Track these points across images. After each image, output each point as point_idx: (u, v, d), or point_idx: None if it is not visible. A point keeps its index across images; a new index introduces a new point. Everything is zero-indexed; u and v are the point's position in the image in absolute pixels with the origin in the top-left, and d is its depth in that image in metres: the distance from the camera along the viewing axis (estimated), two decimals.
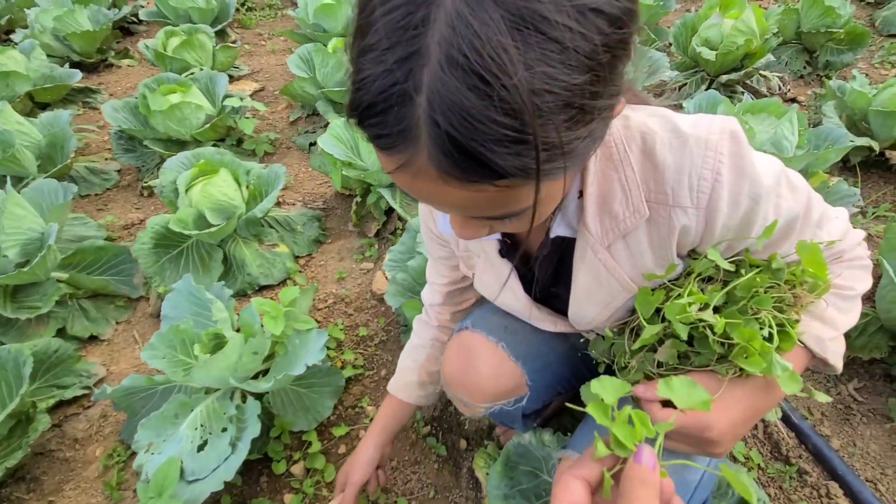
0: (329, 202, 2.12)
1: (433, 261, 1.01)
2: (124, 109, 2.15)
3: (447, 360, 0.91)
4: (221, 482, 1.02)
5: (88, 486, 1.26)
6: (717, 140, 0.56)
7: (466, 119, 0.36)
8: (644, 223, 0.62)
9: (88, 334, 1.59)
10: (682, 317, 0.61)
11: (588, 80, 0.38)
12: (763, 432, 1.24)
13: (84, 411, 1.41)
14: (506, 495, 1.01)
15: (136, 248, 1.56)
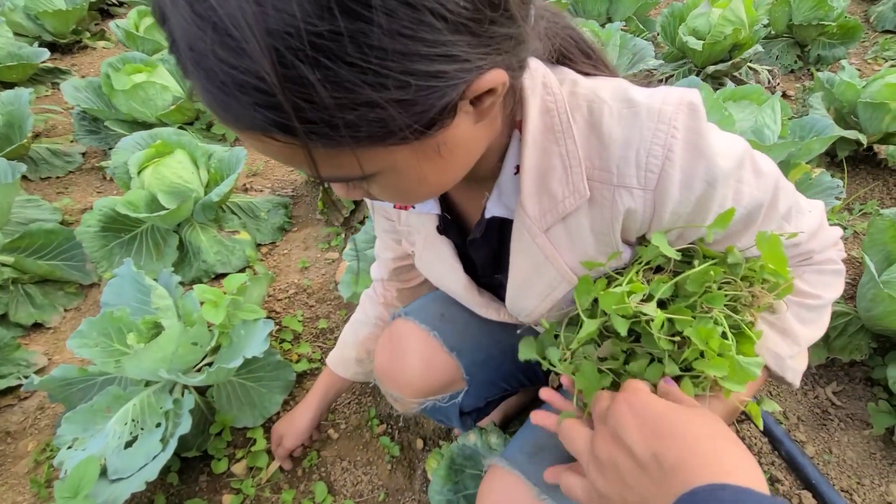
0: (298, 189, 2.03)
1: (380, 234, 0.94)
2: (87, 89, 2.07)
3: (378, 351, 0.84)
4: (143, 482, 0.94)
5: (17, 483, 1.18)
6: (673, 112, 0.48)
7: (203, 59, 0.32)
8: (586, 205, 0.54)
9: (33, 321, 1.51)
10: (619, 308, 0.53)
11: (361, 56, 0.32)
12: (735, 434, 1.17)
13: (20, 403, 1.33)
14: (449, 501, 0.93)
15: (81, 230, 1.48)
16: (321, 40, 0.30)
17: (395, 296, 1.01)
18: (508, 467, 0.64)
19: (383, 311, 1.02)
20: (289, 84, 0.32)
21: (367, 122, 0.35)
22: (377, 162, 0.40)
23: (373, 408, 1.30)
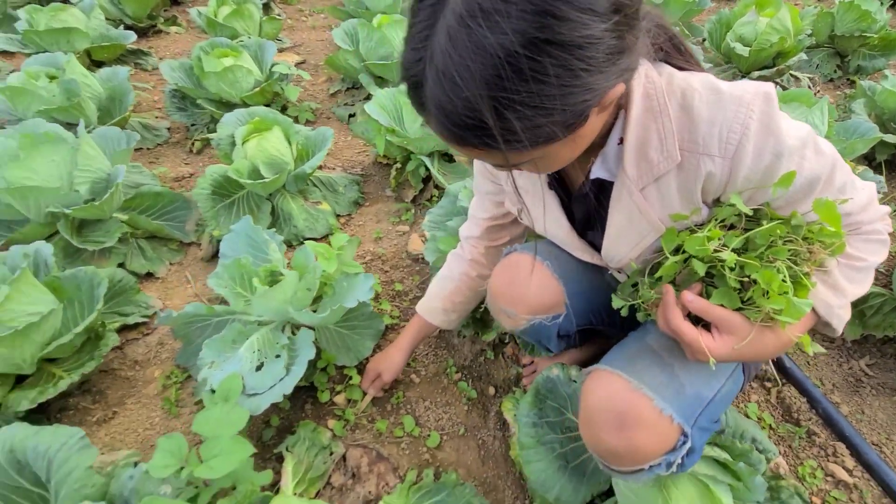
0: (367, 169, 2.22)
1: (480, 196, 1.11)
2: (180, 70, 2.27)
3: (495, 277, 1.01)
4: (280, 395, 1.12)
5: (148, 402, 1.38)
6: (751, 99, 0.63)
7: (448, 117, 0.53)
8: (675, 169, 0.69)
9: (145, 271, 1.71)
10: (699, 250, 0.68)
11: (545, 92, 0.50)
12: (776, 397, 1.33)
13: (143, 338, 1.53)
14: (534, 423, 1.11)
15: (196, 192, 1.68)
16: (520, 95, 0.50)
17: (482, 252, 1.18)
18: (609, 368, 0.80)
19: (468, 268, 1.20)
20: (500, 123, 0.52)
21: (541, 137, 0.55)
22: (539, 153, 0.59)
23: (450, 358, 1.48)
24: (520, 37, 0.47)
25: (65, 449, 0.92)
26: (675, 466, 0.76)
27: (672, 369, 0.77)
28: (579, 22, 0.47)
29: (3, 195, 1.48)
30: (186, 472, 0.88)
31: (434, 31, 0.50)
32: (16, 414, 1.22)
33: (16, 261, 1.28)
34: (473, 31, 0.47)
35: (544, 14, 0.46)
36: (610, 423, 0.74)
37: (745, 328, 0.69)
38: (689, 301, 0.70)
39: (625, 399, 0.74)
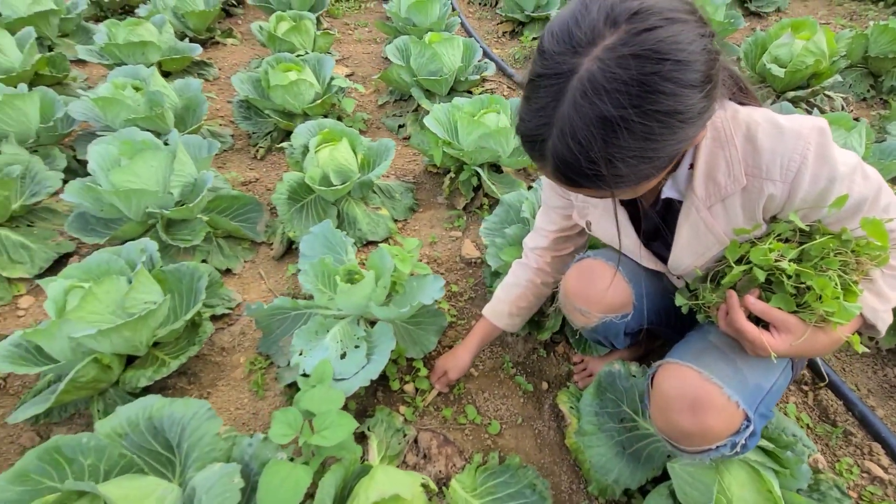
0: (418, 177, 2.37)
1: (548, 210, 1.24)
2: (248, 82, 2.46)
3: (569, 279, 1.15)
4: (368, 379, 1.27)
5: (236, 384, 1.54)
6: (808, 133, 0.75)
7: (568, 167, 0.67)
8: (740, 191, 0.82)
9: (224, 268, 1.88)
10: (762, 260, 0.80)
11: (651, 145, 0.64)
12: (813, 399, 1.43)
13: (227, 327, 1.70)
14: (596, 412, 1.24)
15: (275, 196, 1.84)
16: (631, 151, 0.63)
17: (547, 262, 1.31)
18: (679, 361, 0.92)
19: (534, 276, 1.33)
20: (611, 171, 0.65)
21: (643, 177, 0.69)
22: (638, 188, 0.73)
23: (505, 355, 1.61)
24: (636, 110, 0.60)
25: (196, 418, 1.08)
26: (738, 447, 0.88)
27: (735, 363, 0.89)
28: (682, 95, 0.61)
29: (111, 196, 1.67)
30: (302, 441, 1.02)
31: (560, 102, 0.63)
32: (130, 391, 1.39)
33: (132, 255, 1.46)
34: (597, 104, 0.60)
35: (655, 92, 0.60)
36: (684, 407, 0.87)
37: (800, 328, 0.81)
38: (751, 304, 0.82)
39: (698, 387, 0.86)
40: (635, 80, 0.59)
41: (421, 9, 3.00)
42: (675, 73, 0.60)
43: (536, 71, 0.66)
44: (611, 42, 0.60)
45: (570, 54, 0.63)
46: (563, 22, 0.65)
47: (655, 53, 0.59)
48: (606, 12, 0.62)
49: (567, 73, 0.62)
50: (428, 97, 2.59)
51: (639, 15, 0.60)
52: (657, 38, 0.59)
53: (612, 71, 0.59)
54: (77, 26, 3.34)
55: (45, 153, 2.17)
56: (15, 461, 1.32)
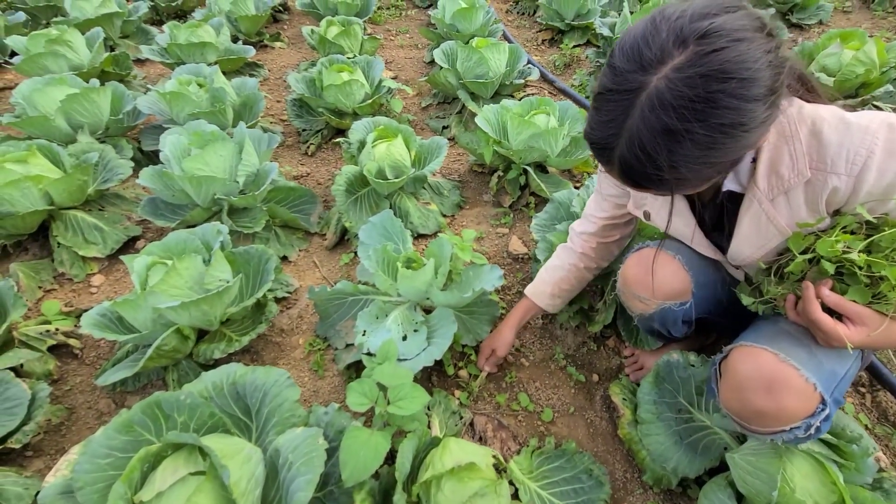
0: (463, 176, 2.43)
1: (601, 198, 1.28)
2: (302, 82, 2.56)
3: (629, 267, 1.18)
4: (432, 360, 1.32)
5: (296, 364, 1.61)
6: (876, 128, 0.77)
7: (634, 171, 0.73)
8: (803, 184, 0.83)
9: (281, 255, 1.96)
10: (829, 251, 0.81)
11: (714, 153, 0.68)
12: (871, 401, 1.43)
13: (286, 310, 1.77)
14: (655, 401, 1.26)
15: (335, 188, 1.92)
16: (695, 160, 0.69)
17: (593, 247, 1.35)
18: (754, 344, 0.94)
19: (577, 260, 1.37)
20: (675, 176, 0.70)
21: (705, 179, 0.75)
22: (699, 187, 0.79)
23: (556, 346, 1.65)
24: (700, 123, 0.65)
25: (277, 385, 1.14)
26: (812, 430, 0.90)
27: (809, 348, 0.91)
28: (745, 109, 0.65)
29: (183, 182, 1.76)
30: (379, 410, 1.08)
31: (628, 115, 0.69)
32: (203, 363, 1.47)
33: (207, 236, 1.54)
34: (663, 118, 0.66)
35: (720, 108, 0.64)
36: (760, 388, 0.89)
37: (875, 320, 0.83)
38: (826, 296, 0.83)
39: (775, 368, 0.89)
40: (700, 97, 0.64)
41: (466, 16, 3.08)
42: (739, 90, 0.64)
43: (606, 85, 0.72)
44: (679, 62, 0.65)
45: (639, 72, 0.68)
46: (634, 40, 0.69)
47: (721, 73, 0.63)
48: (676, 34, 0.66)
49: (636, 90, 0.68)
50: (473, 99, 2.66)
51: (707, 37, 0.64)
52: (724, 58, 0.63)
53: (678, 89, 0.64)
54: (137, 28, 3.52)
55: (113, 143, 2.30)
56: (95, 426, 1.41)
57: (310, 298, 1.61)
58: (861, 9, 4.22)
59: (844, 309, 0.83)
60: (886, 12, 4.08)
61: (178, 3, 3.82)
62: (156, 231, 2.06)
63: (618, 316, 1.60)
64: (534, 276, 1.86)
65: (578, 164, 2.26)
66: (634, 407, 1.37)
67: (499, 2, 4.64)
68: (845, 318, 0.85)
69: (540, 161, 2.15)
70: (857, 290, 0.84)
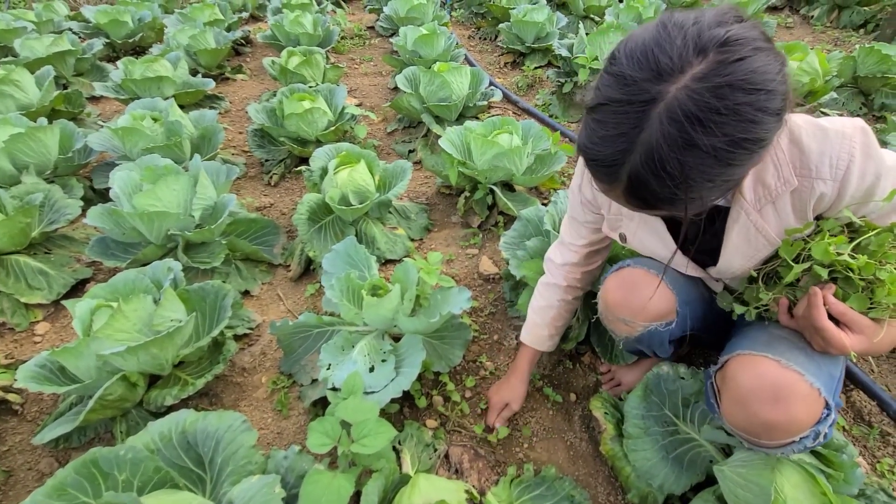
0: (431, 199, 2.41)
1: (577, 225, 1.24)
2: (262, 112, 2.52)
3: (609, 290, 1.14)
4: (399, 391, 1.25)
5: (259, 404, 1.51)
6: (852, 132, 0.77)
7: (647, 190, 0.67)
8: (789, 192, 0.82)
9: (243, 290, 1.88)
10: (823, 256, 0.80)
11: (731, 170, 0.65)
12: (846, 402, 1.41)
13: (248, 348, 1.68)
14: (642, 416, 1.22)
15: (296, 217, 1.86)
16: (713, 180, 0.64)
17: (578, 277, 1.30)
18: (751, 352, 0.90)
19: (564, 294, 1.32)
20: (690, 195, 0.66)
21: (713, 199, 0.70)
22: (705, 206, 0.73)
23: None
24: (727, 138, 0.61)
25: (230, 431, 1.06)
26: (821, 437, 0.85)
27: (806, 350, 0.88)
28: (767, 123, 0.62)
29: (133, 219, 1.68)
30: (342, 449, 1.00)
31: (642, 128, 0.63)
32: (154, 411, 1.36)
33: (157, 274, 1.46)
34: (688, 132, 0.60)
35: (746, 122, 0.61)
36: (766, 398, 0.84)
37: (873, 329, 0.82)
38: (832, 304, 0.81)
39: (778, 375, 0.84)
40: (730, 109, 0.59)
41: (427, 42, 3.12)
42: (766, 103, 0.60)
43: (611, 96, 0.65)
44: (700, 71, 0.60)
45: (654, 80, 0.62)
46: (645, 47, 0.63)
47: (749, 84, 0.59)
48: (694, 40, 0.61)
49: (651, 100, 0.62)
50: (438, 122, 2.67)
51: (728, 45, 0.60)
52: (749, 68, 0.59)
53: (705, 101, 0.59)
54: (92, 65, 3.46)
55: (62, 183, 2.20)
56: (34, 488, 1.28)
57: (272, 333, 1.53)
58: (802, 24, 4.47)
59: (847, 317, 0.81)
60: (825, 27, 4.33)
61: (135, 39, 3.77)
62: (108, 272, 1.95)
63: (591, 332, 1.57)
64: (506, 295, 1.83)
65: (545, 181, 2.27)
66: (617, 421, 1.32)
67: (461, 28, 4.75)
68: (843, 325, 0.83)
69: (506, 180, 2.15)
70: (856, 298, 0.82)
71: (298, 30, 3.54)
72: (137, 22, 3.90)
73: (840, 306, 0.81)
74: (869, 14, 4.14)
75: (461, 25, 4.84)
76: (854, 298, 0.81)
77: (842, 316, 0.81)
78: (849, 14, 4.21)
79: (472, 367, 1.62)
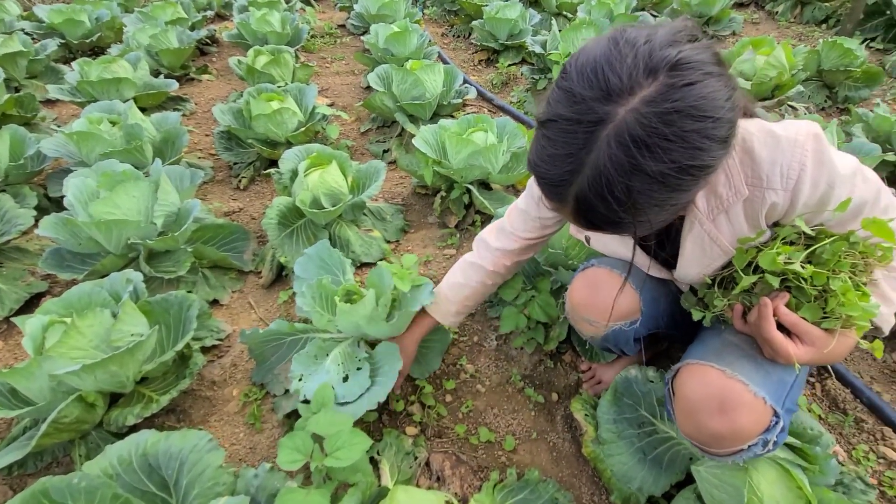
0: (407, 199, 2.36)
1: (529, 218, 1.19)
2: (229, 113, 2.43)
3: (576, 290, 1.12)
4: (375, 402, 1.21)
5: (230, 418, 1.45)
6: (804, 140, 0.74)
7: (594, 213, 0.66)
8: (741, 202, 0.81)
9: (211, 298, 1.80)
10: (770, 265, 0.79)
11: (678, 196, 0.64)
12: (821, 390, 1.43)
13: (217, 360, 1.61)
14: (614, 420, 1.20)
15: (265, 221, 1.79)
16: (660, 204, 0.63)
17: (507, 265, 1.27)
18: (700, 362, 0.90)
19: (486, 278, 1.29)
20: (637, 219, 0.65)
21: (662, 222, 0.69)
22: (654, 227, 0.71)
23: (513, 368, 1.57)
24: (674, 165, 0.59)
25: (196, 451, 1.00)
26: (770, 444, 0.86)
27: (755, 359, 0.88)
28: (714, 150, 0.61)
29: (90, 228, 1.59)
30: (314, 465, 0.95)
31: (590, 149, 0.61)
32: (115, 432, 1.29)
33: (116, 286, 1.38)
34: (635, 157, 0.59)
35: (694, 149, 0.59)
36: (712, 409, 0.84)
37: (824, 340, 0.81)
38: (783, 314, 0.80)
39: (723, 386, 0.84)
40: (677, 135, 0.58)
41: (399, 39, 3.07)
42: (713, 130, 0.59)
43: (561, 113, 0.63)
44: (650, 94, 0.58)
45: (602, 101, 0.60)
46: (595, 64, 0.61)
47: (697, 111, 0.58)
48: (645, 61, 0.59)
49: (600, 121, 0.60)
50: (412, 121, 2.62)
51: (678, 69, 0.58)
52: (698, 94, 0.58)
53: (653, 126, 0.58)
54: (46, 67, 3.29)
55: (14, 192, 2.07)
56: None
57: (242, 342, 1.47)
58: (767, 20, 4.58)
59: (798, 328, 0.81)
60: (789, 22, 4.44)
61: (93, 39, 3.61)
62: (66, 285, 1.85)
63: (572, 331, 1.55)
64: None
65: (522, 179, 2.24)
66: (597, 423, 1.30)
67: (434, 26, 4.71)
68: (794, 335, 0.82)
69: (482, 178, 2.12)
70: (809, 308, 0.81)
71: (266, 28, 3.44)
72: (95, 21, 3.73)
73: (791, 317, 0.80)
74: (830, 10, 4.27)
75: (434, 23, 4.80)
76: (807, 308, 0.80)
77: (793, 327, 0.80)
78: (811, 10, 4.33)
79: (452, 370, 1.59)
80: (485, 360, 1.61)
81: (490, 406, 1.48)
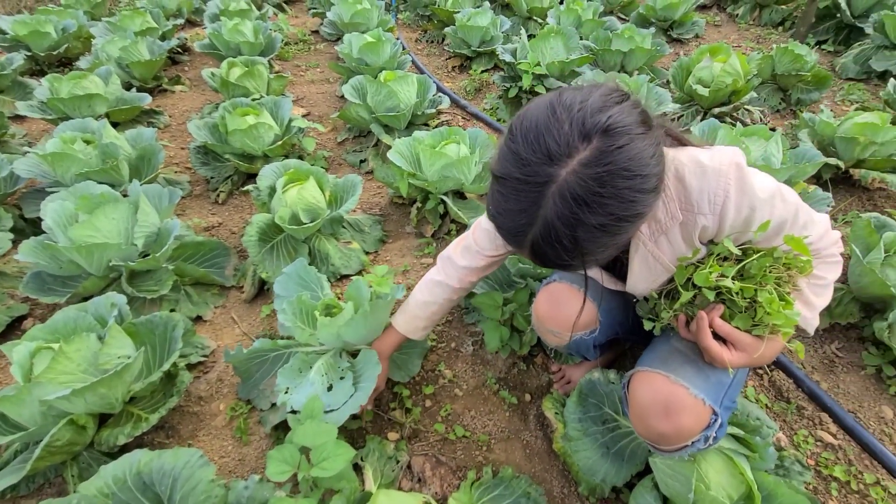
0: (384, 210, 2.43)
1: (494, 236, 1.24)
2: (204, 128, 2.46)
3: (540, 304, 1.22)
4: (357, 406, 1.28)
5: (218, 433, 1.50)
6: (727, 169, 0.83)
7: (546, 257, 0.75)
8: (678, 225, 0.91)
9: (195, 315, 1.85)
10: (704, 282, 0.89)
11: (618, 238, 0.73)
12: (768, 381, 1.56)
13: (203, 376, 1.66)
14: (580, 419, 1.31)
15: (246, 238, 1.84)
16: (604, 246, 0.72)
17: (472, 281, 1.35)
18: (649, 369, 1.01)
19: (452, 294, 1.36)
20: (584, 259, 0.73)
21: (607, 258, 0.77)
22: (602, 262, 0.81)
23: (488, 372, 1.66)
24: (612, 217, 0.68)
25: (187, 467, 1.06)
26: (710, 440, 0.97)
27: (697, 364, 0.99)
28: (645, 199, 0.70)
29: (70, 252, 1.62)
30: (301, 475, 1.03)
31: (540, 206, 0.69)
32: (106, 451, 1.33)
33: (100, 310, 1.42)
34: (578, 213, 0.68)
35: (627, 202, 0.68)
36: (659, 412, 0.95)
37: (753, 346, 0.91)
38: (718, 326, 0.91)
39: (668, 391, 0.95)
40: (611, 193, 0.67)
41: (373, 49, 3.12)
42: (643, 184, 0.68)
43: (512, 173, 0.71)
44: (585, 157, 0.67)
45: (546, 164, 0.68)
46: (537, 131, 0.69)
47: (626, 171, 0.67)
48: (579, 128, 0.67)
49: (545, 182, 0.68)
50: (387, 132, 2.68)
51: (609, 133, 0.67)
52: (627, 156, 0.66)
53: (590, 186, 0.66)
54: (13, 82, 3.24)
55: None
56: None
57: (227, 362, 1.52)
58: (728, 22, 4.76)
59: (731, 337, 0.91)
60: (748, 24, 4.63)
61: (60, 51, 3.56)
62: (46, 307, 1.87)
63: None
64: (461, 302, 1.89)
65: None
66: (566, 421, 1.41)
67: (408, 31, 4.76)
68: (728, 342, 0.93)
69: (457, 189, 2.20)
70: (741, 318, 0.91)
71: (238, 38, 3.44)
72: (61, 32, 3.67)
73: (725, 327, 0.90)
74: (786, 12, 4.46)
75: (408, 28, 4.85)
76: (738, 318, 0.91)
77: (727, 336, 0.91)
78: (769, 13, 4.52)
79: (430, 375, 1.67)
80: (462, 365, 1.70)
81: (467, 409, 1.57)
